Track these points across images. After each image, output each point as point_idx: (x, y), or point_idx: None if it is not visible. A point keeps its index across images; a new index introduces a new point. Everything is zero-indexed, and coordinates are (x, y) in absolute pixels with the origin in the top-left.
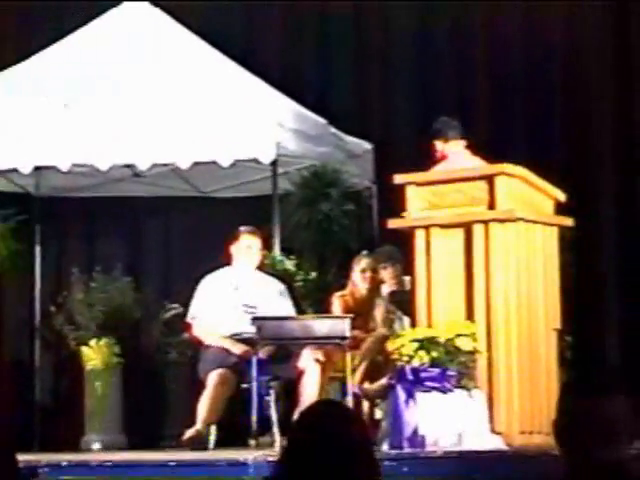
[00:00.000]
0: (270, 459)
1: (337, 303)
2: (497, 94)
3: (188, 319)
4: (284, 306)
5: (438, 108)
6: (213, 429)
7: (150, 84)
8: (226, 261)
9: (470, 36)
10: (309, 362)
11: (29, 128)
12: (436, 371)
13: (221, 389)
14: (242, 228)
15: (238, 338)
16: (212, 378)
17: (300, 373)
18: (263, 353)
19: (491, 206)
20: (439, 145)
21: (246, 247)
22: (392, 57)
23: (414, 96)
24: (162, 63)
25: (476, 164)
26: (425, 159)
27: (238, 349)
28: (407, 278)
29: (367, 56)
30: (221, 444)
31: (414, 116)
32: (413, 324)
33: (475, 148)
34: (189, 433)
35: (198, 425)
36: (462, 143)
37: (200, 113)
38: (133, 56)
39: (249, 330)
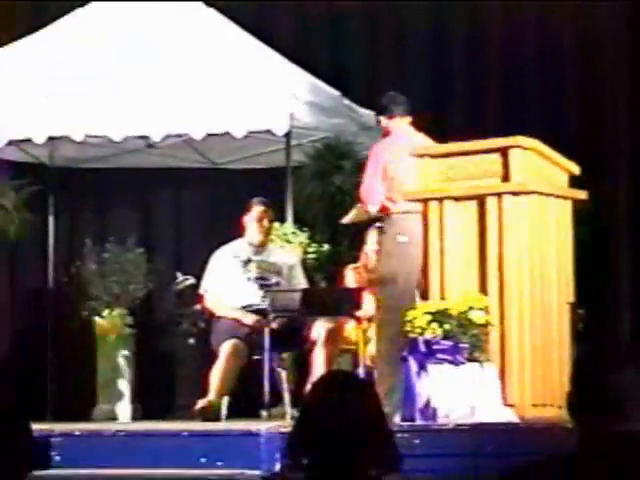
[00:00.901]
0: (282, 430)
1: (350, 275)
2: (510, 63)
3: (200, 291)
4: (296, 278)
5: (451, 79)
6: (225, 400)
7: (164, 55)
8: (240, 233)
9: (485, 14)
10: (321, 334)
11: (43, 98)
12: (448, 344)
13: (233, 360)
14: (255, 199)
15: (250, 310)
16: (224, 349)
17: (312, 345)
18: (275, 325)
19: (505, 179)
20: (383, 121)
21: (258, 219)
22: (406, 29)
23: (427, 68)
24: (176, 34)
25: (420, 140)
26: (439, 131)
27: (250, 320)
28: None
29: (380, 27)
30: (233, 415)
31: (427, 87)
32: (426, 297)
33: (418, 125)
34: (201, 403)
35: (210, 396)
36: (407, 119)
37: (214, 84)
38: (148, 27)
39: (260, 303)
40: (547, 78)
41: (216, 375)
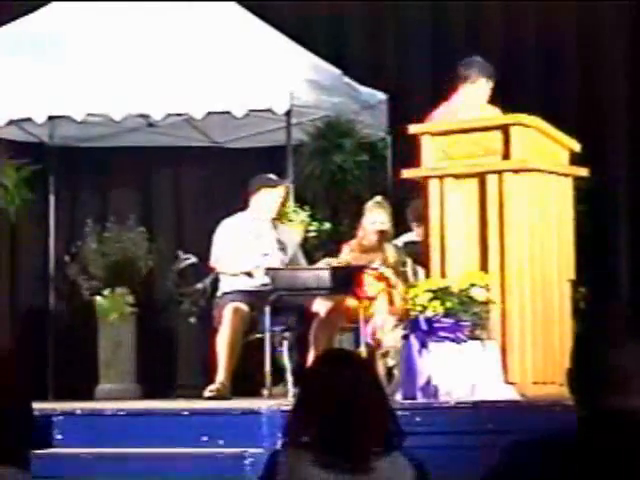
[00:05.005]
0: (283, 409)
1: (345, 251)
2: (512, 41)
3: (212, 263)
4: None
5: (452, 58)
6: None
7: (165, 34)
8: (241, 207)
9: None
10: (321, 310)
11: (43, 77)
12: (449, 321)
13: (237, 322)
14: (277, 179)
15: (252, 290)
16: (227, 312)
17: (312, 322)
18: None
19: (506, 156)
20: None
21: (276, 198)
22: (407, 7)
23: (428, 46)
24: (177, 13)
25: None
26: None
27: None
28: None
29: (382, 6)
30: (234, 394)
31: (429, 66)
32: (427, 275)
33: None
34: (212, 388)
35: (219, 375)
36: (471, 86)
37: (214, 63)
38: (147, 6)
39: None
40: (547, 57)
41: (222, 344)
